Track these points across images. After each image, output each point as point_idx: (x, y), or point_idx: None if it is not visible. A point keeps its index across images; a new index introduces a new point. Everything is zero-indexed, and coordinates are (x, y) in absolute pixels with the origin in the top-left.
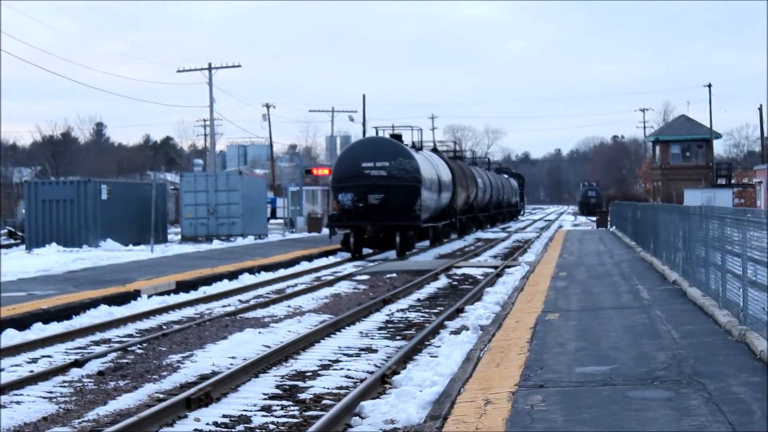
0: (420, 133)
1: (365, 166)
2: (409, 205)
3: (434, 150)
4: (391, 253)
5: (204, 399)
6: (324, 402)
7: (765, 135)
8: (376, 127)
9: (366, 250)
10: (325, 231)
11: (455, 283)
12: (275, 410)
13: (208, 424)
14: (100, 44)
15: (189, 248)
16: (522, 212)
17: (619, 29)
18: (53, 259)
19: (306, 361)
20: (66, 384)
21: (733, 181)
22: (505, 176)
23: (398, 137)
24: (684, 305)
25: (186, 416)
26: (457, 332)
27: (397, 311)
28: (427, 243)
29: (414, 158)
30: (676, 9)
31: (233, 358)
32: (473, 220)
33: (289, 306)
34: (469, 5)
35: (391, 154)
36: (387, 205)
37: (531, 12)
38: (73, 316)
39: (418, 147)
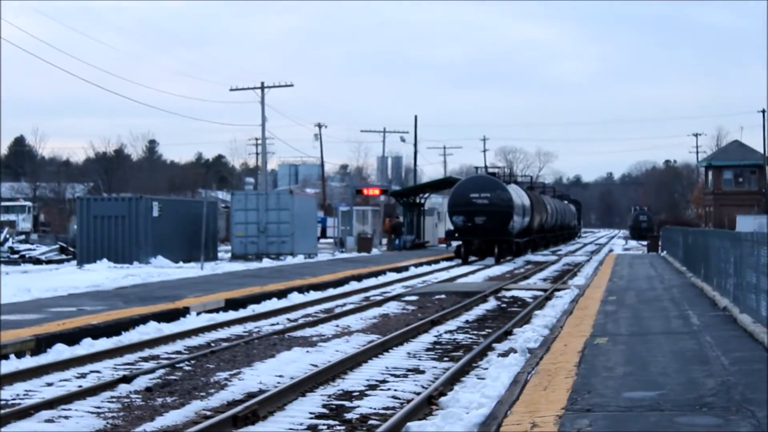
0: (510, 170)
1: (472, 196)
2: (504, 225)
3: (515, 182)
4: (490, 260)
5: (251, 417)
6: (370, 422)
7: None
8: (476, 167)
9: (471, 258)
10: (375, 251)
11: (504, 305)
12: (321, 429)
13: None
14: (154, 62)
15: (239, 266)
16: (579, 234)
17: (672, 53)
18: (104, 275)
19: (353, 381)
20: (114, 399)
21: None
22: (566, 202)
23: (494, 174)
24: (734, 331)
25: None
26: (505, 355)
27: (445, 332)
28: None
29: (507, 190)
30: (730, 34)
31: (280, 376)
32: (543, 239)
33: (337, 325)
34: (522, 28)
35: (491, 187)
36: (488, 225)
37: (584, 35)
38: (123, 332)
39: (508, 181)
